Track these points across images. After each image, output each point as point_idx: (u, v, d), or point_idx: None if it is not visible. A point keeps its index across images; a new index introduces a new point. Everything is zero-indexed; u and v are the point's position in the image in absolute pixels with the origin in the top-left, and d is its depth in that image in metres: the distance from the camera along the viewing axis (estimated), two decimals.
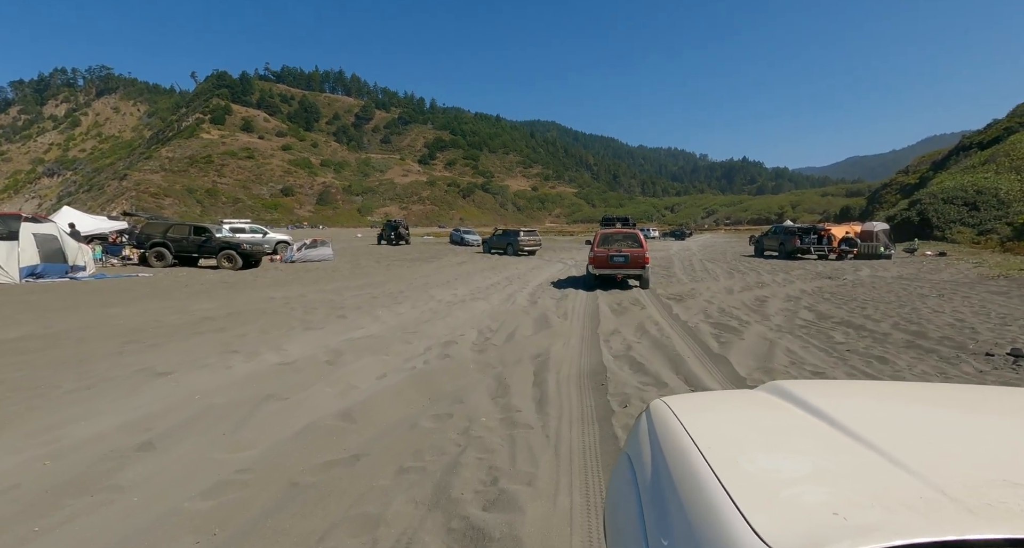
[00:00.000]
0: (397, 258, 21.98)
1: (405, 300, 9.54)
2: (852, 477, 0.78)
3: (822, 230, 21.33)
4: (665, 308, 8.72)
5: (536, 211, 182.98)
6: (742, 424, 1.12)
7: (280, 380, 4.40)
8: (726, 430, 1.06)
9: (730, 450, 0.90)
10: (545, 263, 19.91)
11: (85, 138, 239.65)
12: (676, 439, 0.97)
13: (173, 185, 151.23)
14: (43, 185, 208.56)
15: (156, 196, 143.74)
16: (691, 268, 17.49)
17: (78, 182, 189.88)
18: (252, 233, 21.25)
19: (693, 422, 1.02)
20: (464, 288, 11.58)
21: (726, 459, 0.85)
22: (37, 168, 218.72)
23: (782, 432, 1.02)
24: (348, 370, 4.78)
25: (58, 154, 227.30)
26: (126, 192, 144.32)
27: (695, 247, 35.90)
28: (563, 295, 10.45)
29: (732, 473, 0.79)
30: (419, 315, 7.96)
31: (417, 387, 4.30)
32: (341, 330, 6.64)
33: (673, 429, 1.02)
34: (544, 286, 12.10)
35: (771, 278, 13.62)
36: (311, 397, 3.97)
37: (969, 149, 63.90)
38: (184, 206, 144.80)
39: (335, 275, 14.47)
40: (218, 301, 8.95)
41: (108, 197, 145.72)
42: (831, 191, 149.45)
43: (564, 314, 8.09)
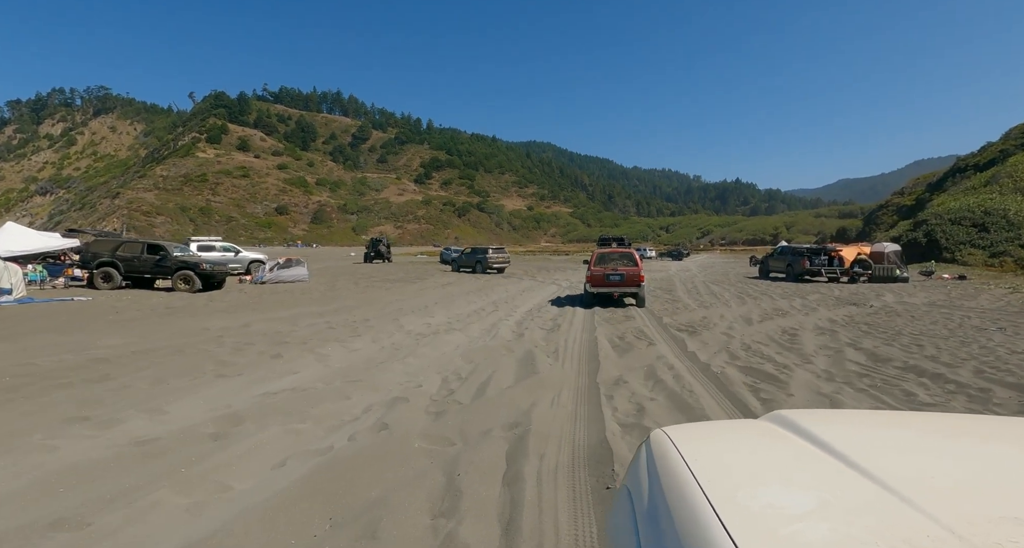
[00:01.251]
0: (379, 278, 20.49)
1: (367, 331, 8.01)
2: (855, 513, 0.75)
3: (832, 251, 20.08)
4: (678, 343, 7.24)
5: (531, 230, 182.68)
6: (744, 456, 1.07)
7: (107, 480, 2.85)
8: (727, 462, 1.03)
9: (730, 483, 0.88)
10: (537, 285, 18.47)
11: (80, 157, 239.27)
12: (675, 471, 0.94)
13: (166, 203, 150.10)
14: (35, 203, 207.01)
15: (148, 214, 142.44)
16: (695, 291, 16.10)
17: (71, 200, 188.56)
18: (223, 251, 19.73)
19: (693, 453, 0.99)
20: (442, 315, 10.08)
21: (726, 493, 0.82)
22: (30, 186, 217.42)
23: (784, 464, 1.00)
24: (233, 454, 3.24)
25: (52, 173, 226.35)
26: (118, 210, 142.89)
27: (694, 268, 34.64)
28: (555, 324, 8.97)
29: (731, 508, 0.77)
30: (375, 353, 6.44)
31: (321, 493, 2.76)
32: (263, 377, 5.10)
33: (672, 461, 0.99)
34: (534, 312, 10.62)
35: (788, 304, 12.20)
36: (132, 522, 2.42)
37: (965, 171, 63.94)
38: (177, 224, 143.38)
39: (302, 299, 12.93)
40: (136, 334, 7.38)
41: (100, 215, 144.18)
42: (824, 212, 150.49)
43: (555, 352, 6.60)
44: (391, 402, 4.35)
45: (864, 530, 0.69)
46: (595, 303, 11.91)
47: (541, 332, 8.19)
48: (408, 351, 6.57)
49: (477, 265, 24.90)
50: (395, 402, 4.35)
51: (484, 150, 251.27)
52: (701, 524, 0.75)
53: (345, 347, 6.77)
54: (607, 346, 7.00)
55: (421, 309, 10.98)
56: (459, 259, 26.75)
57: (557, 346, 6.98)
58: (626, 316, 10.05)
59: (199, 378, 5.00)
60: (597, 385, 5.01)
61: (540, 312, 10.75)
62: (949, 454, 1.02)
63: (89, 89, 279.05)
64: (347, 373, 5.36)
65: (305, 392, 4.59)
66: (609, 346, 7.01)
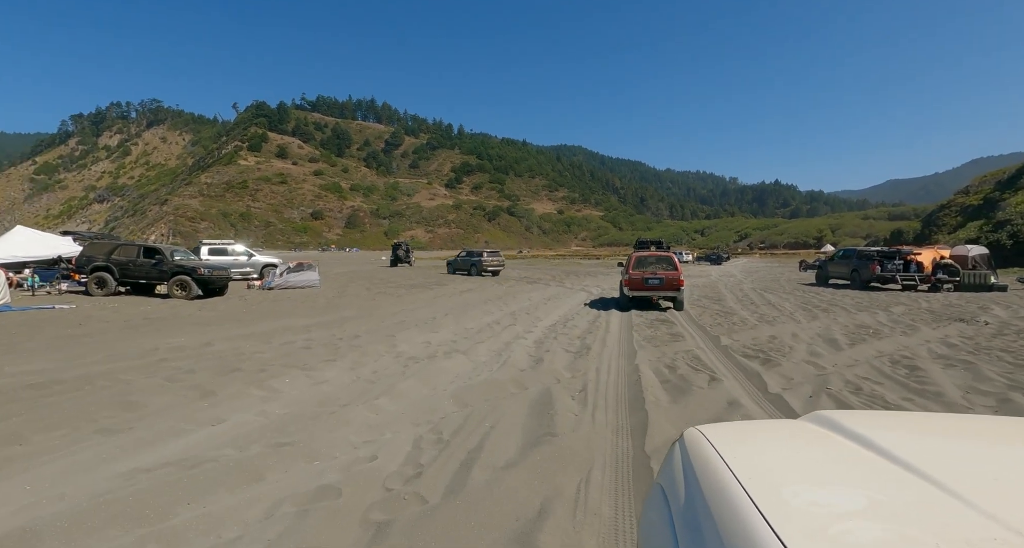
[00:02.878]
0: (396, 284, 19.17)
1: (350, 352, 6.47)
2: (911, 513, 0.73)
3: (908, 254, 17.38)
4: (751, 379, 5.34)
5: (562, 234, 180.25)
6: (785, 455, 1.05)
7: None
8: (767, 461, 0.99)
9: (773, 482, 0.85)
10: (565, 292, 16.66)
11: (134, 166, 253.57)
12: (713, 470, 0.92)
13: (209, 209, 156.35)
14: (93, 210, 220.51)
15: (193, 220, 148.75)
16: (748, 300, 13.92)
17: (124, 207, 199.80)
18: (234, 255, 18.89)
19: (731, 452, 0.97)
20: (449, 329, 8.47)
21: (768, 491, 0.80)
22: (89, 195, 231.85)
23: (829, 463, 0.97)
24: None
25: (109, 181, 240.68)
26: (165, 216, 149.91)
27: (738, 273, 31.89)
28: (583, 346, 7.19)
29: (775, 506, 0.75)
30: (342, 388, 4.87)
31: None
32: (160, 434, 3.58)
33: (709, 459, 0.96)
34: (558, 328, 8.87)
35: (872, 319, 9.96)
36: None
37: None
38: (219, 229, 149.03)
39: (300, 307, 11.62)
40: (68, 355, 6.09)
41: (149, 221, 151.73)
42: (873, 214, 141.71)
43: (582, 390, 4.84)
44: (314, 496, 2.71)
45: (922, 530, 0.66)
46: (632, 307, 11.55)
47: (565, 357, 6.43)
48: (386, 386, 4.95)
49: (472, 268, 25.75)
50: (320, 496, 2.71)
51: (514, 154, 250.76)
52: (744, 522, 0.72)
53: (309, 377, 5.24)
54: (654, 382, 5.18)
55: (427, 322, 9.41)
56: (454, 262, 27.31)
57: (585, 381, 5.21)
58: (672, 335, 8.15)
59: (69, 435, 3.52)
60: (647, 457, 3.25)
61: (566, 327, 8.98)
62: (1006, 456, 0.97)
63: (143, 102, 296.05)
64: (284, 426, 3.78)
65: (196, 469, 3.01)
66: (657, 382, 5.19)
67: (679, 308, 11.28)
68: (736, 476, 0.85)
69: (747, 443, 1.09)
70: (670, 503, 0.97)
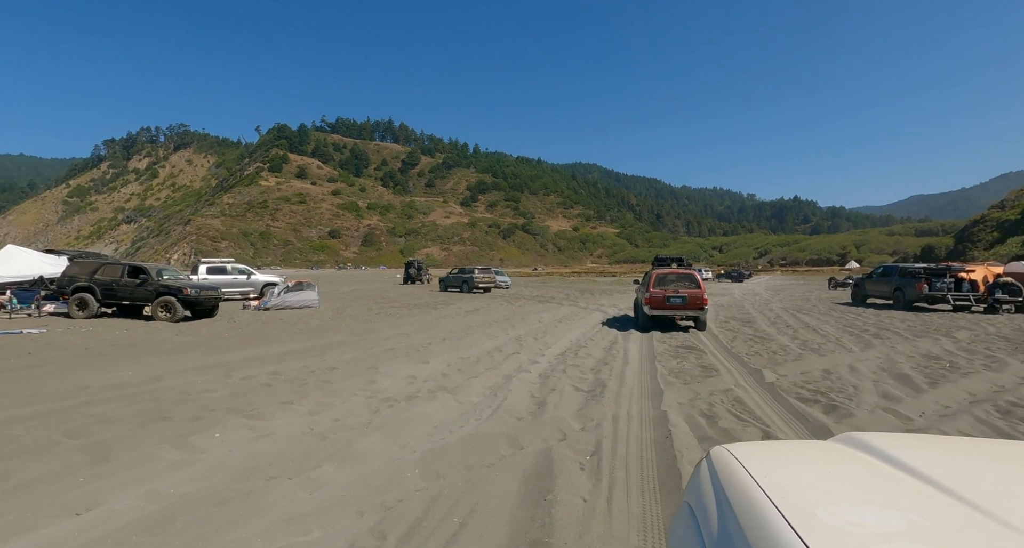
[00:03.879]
0: (401, 303, 18.19)
1: (315, 391, 5.39)
2: (954, 536, 0.72)
3: (959, 271, 15.75)
4: (817, 433, 4.08)
5: (577, 251, 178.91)
6: (817, 474, 1.02)
7: None
8: (799, 480, 0.97)
9: (807, 501, 0.83)
10: (579, 313, 15.43)
11: (161, 188, 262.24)
12: (743, 489, 0.90)
13: (231, 229, 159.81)
14: (121, 231, 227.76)
15: (214, 239, 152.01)
16: (782, 323, 12.51)
17: (150, 228, 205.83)
18: (234, 274, 18.20)
19: (761, 471, 0.95)
20: (441, 358, 7.36)
21: (803, 511, 0.78)
22: (118, 216, 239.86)
23: (864, 484, 0.94)
24: None
25: (137, 203, 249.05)
26: (188, 236, 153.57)
27: (763, 291, 30.18)
28: (598, 382, 5.99)
29: (810, 525, 0.73)
30: (282, 448, 3.76)
31: None
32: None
33: (739, 478, 0.95)
34: (569, 356, 7.68)
35: (937, 347, 8.53)
36: None
37: None
38: (239, 248, 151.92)
39: (287, 330, 10.65)
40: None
41: (172, 241, 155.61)
42: (899, 230, 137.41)
43: (594, 452, 3.65)
44: None
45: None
46: (652, 327, 11.13)
47: (575, 398, 5.24)
48: (341, 444, 3.83)
49: (464, 285, 26.02)
50: None
51: (529, 172, 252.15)
52: (779, 542, 0.71)
53: (251, 429, 4.15)
54: (690, 440, 3.94)
55: (420, 349, 8.31)
56: (447, 280, 27.64)
57: (599, 438, 4.00)
58: (704, 368, 6.88)
59: None
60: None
61: (578, 356, 7.78)
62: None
63: (171, 126, 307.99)
64: (169, 519, 2.67)
65: None
66: (694, 441, 3.95)
67: (701, 328, 10.89)
68: (768, 495, 0.84)
69: (777, 463, 1.06)
70: (699, 522, 0.96)
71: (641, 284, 12.25)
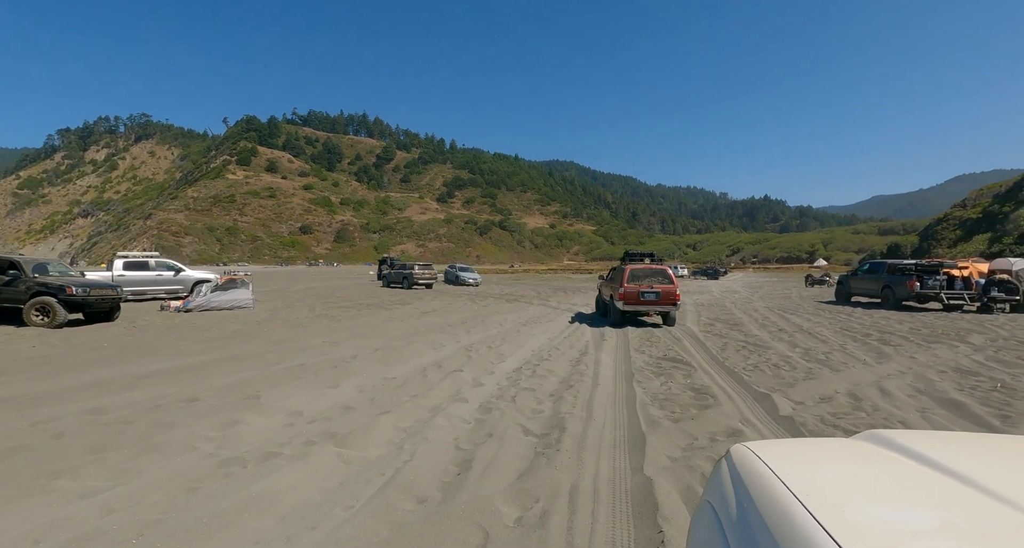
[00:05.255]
0: (353, 302, 16.22)
1: (115, 450, 3.56)
2: (991, 534, 0.69)
3: (951, 268, 14.79)
4: None
5: (554, 248, 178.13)
6: (843, 472, 1.00)
7: None
8: (824, 477, 0.95)
9: (833, 499, 0.81)
10: (549, 313, 13.81)
11: (121, 181, 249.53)
12: (767, 487, 0.89)
13: (195, 224, 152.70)
14: (77, 225, 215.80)
15: (176, 234, 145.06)
16: (771, 324, 11.18)
17: (108, 222, 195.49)
18: (158, 270, 15.89)
19: (784, 468, 0.93)
20: (361, 378, 5.60)
21: (830, 508, 0.76)
22: (73, 209, 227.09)
23: (894, 482, 0.92)
24: None
25: (94, 196, 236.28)
26: (148, 231, 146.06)
27: (741, 288, 29.29)
28: (555, 418, 4.32)
29: (839, 523, 0.72)
30: None
31: None
32: None
33: (762, 475, 0.93)
34: (525, 373, 6.02)
35: (961, 357, 7.22)
36: None
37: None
38: (204, 244, 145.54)
39: (188, 339, 8.67)
40: None
41: (132, 235, 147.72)
42: (863, 229, 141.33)
43: None
44: None
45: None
46: (626, 324, 11.01)
47: (519, 451, 3.57)
48: None
49: (404, 281, 25.85)
50: None
51: (506, 168, 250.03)
52: (808, 540, 0.69)
53: None
54: None
55: (338, 365, 6.51)
56: (389, 276, 27.55)
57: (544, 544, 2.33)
58: (696, 392, 5.30)
59: None
60: None
61: (536, 373, 6.12)
62: None
63: (132, 117, 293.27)
64: None
65: None
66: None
67: (671, 324, 10.93)
68: (794, 493, 0.82)
69: (801, 460, 1.04)
70: (721, 520, 0.94)
71: (611, 280, 12.03)
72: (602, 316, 12.70)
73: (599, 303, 13.37)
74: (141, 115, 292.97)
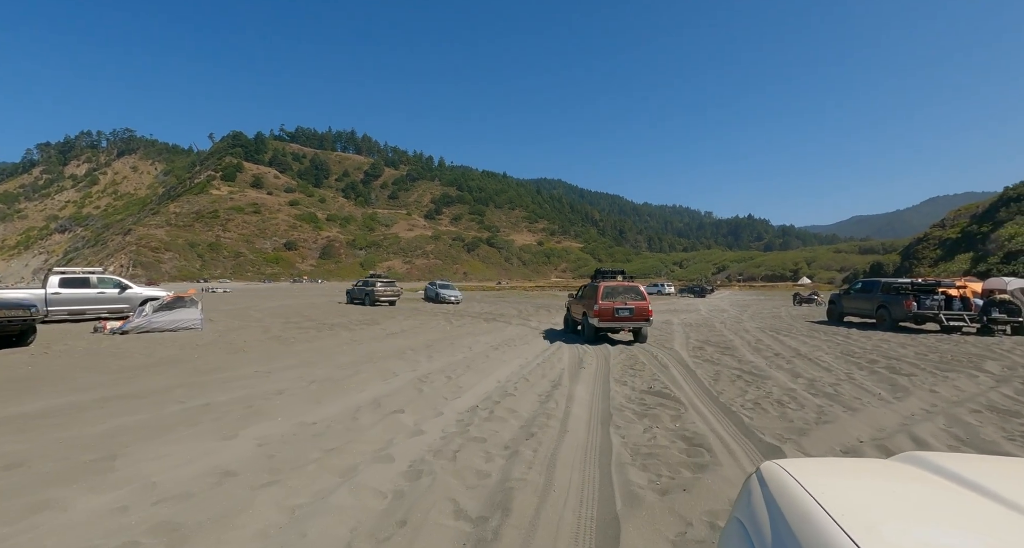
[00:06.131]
0: (318, 322, 14.93)
1: None
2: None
3: (949, 287, 14.10)
4: None
5: (541, 265, 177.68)
6: (879, 492, 0.96)
7: None
8: (860, 497, 0.91)
9: (870, 519, 0.79)
10: (527, 335, 12.71)
11: (101, 196, 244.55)
12: (800, 505, 0.86)
13: (176, 239, 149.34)
14: (53, 241, 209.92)
15: (156, 250, 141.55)
16: (765, 348, 10.23)
17: (86, 238, 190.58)
18: (100, 287, 14.48)
19: (818, 487, 0.90)
20: (270, 425, 4.44)
21: (867, 528, 0.74)
22: (50, 225, 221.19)
23: (933, 503, 0.89)
24: None
25: (73, 211, 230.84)
26: (127, 247, 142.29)
27: (728, 307, 28.54)
28: (502, 486, 3.22)
29: (876, 544, 0.70)
30: None
31: None
32: None
33: (794, 494, 0.91)
34: (481, 415, 4.91)
35: (988, 390, 6.29)
36: None
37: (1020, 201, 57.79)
38: (184, 260, 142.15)
39: (96, 370, 7.39)
40: None
41: (109, 251, 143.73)
42: (844, 248, 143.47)
43: None
44: None
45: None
46: (600, 342, 11.15)
47: (443, 544, 2.47)
48: None
49: (367, 297, 25.15)
50: None
51: (495, 186, 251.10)
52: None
53: None
54: None
55: (253, 405, 5.33)
56: (351, 292, 27.14)
57: None
58: (688, 444, 4.23)
59: None
60: None
61: (494, 415, 5.01)
62: None
63: (115, 131, 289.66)
64: None
65: None
66: None
67: (642, 341, 11.01)
68: (828, 512, 0.80)
69: (836, 479, 1.02)
70: (752, 538, 0.93)
71: (582, 297, 12.04)
72: (571, 333, 12.81)
73: (567, 320, 13.42)
74: (125, 130, 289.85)
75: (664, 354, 9.48)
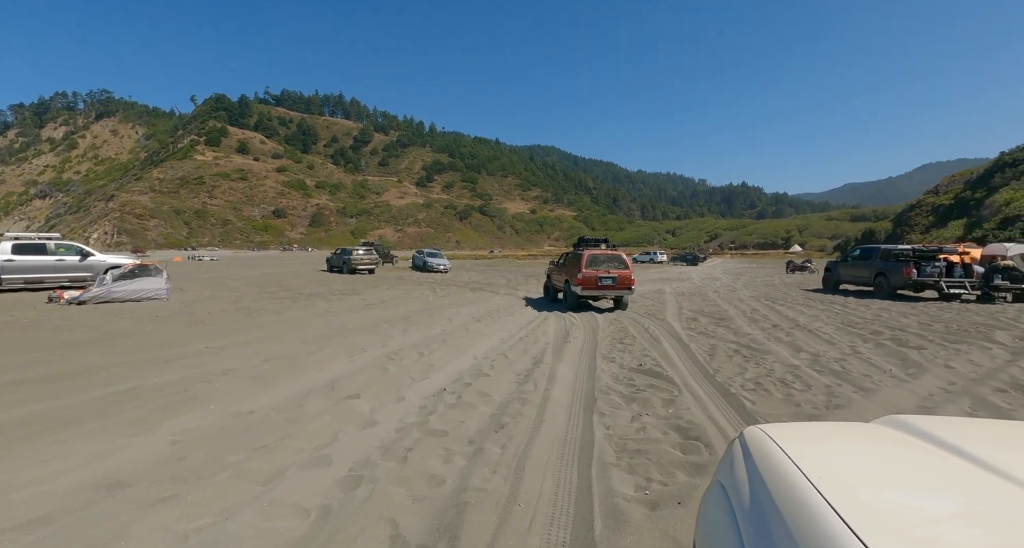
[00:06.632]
0: (295, 291, 14.19)
1: None
2: (1012, 519, 0.68)
3: (953, 254, 13.56)
4: None
5: (534, 234, 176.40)
6: (859, 456, 0.99)
7: None
8: (839, 462, 0.94)
9: (848, 483, 0.80)
10: (513, 305, 12.09)
11: (81, 160, 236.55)
12: (779, 469, 0.88)
13: (161, 206, 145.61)
14: (34, 207, 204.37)
15: (141, 217, 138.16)
16: (762, 318, 9.69)
17: (68, 204, 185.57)
18: (59, 254, 13.55)
19: (799, 452, 0.92)
20: (194, 416, 3.79)
21: (844, 492, 0.75)
22: (30, 190, 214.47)
23: (911, 466, 0.90)
24: None
25: (52, 176, 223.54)
26: (110, 213, 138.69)
27: (721, 275, 28.11)
28: (456, 497, 2.61)
29: (852, 507, 0.71)
30: None
31: None
32: None
33: (775, 459, 0.92)
34: (448, 400, 4.30)
35: (1008, 364, 5.77)
36: None
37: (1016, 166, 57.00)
38: (170, 228, 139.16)
39: (29, 348, 6.67)
40: None
41: (92, 218, 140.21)
42: (836, 216, 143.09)
43: None
44: None
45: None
46: (582, 308, 11.21)
47: None
48: None
49: (344, 266, 24.77)
50: None
51: (487, 153, 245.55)
52: (818, 523, 0.69)
53: None
54: None
55: (190, 388, 4.67)
56: (331, 260, 26.70)
57: None
58: (683, 436, 3.63)
59: None
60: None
61: (462, 400, 4.39)
62: None
63: (92, 93, 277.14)
64: None
65: None
66: None
67: (623, 308, 11.14)
68: (807, 476, 0.81)
69: (816, 444, 1.02)
70: (732, 501, 0.94)
71: (563, 265, 11.96)
72: (551, 301, 12.86)
73: (547, 288, 13.44)
74: (102, 91, 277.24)
75: (656, 326, 8.91)
